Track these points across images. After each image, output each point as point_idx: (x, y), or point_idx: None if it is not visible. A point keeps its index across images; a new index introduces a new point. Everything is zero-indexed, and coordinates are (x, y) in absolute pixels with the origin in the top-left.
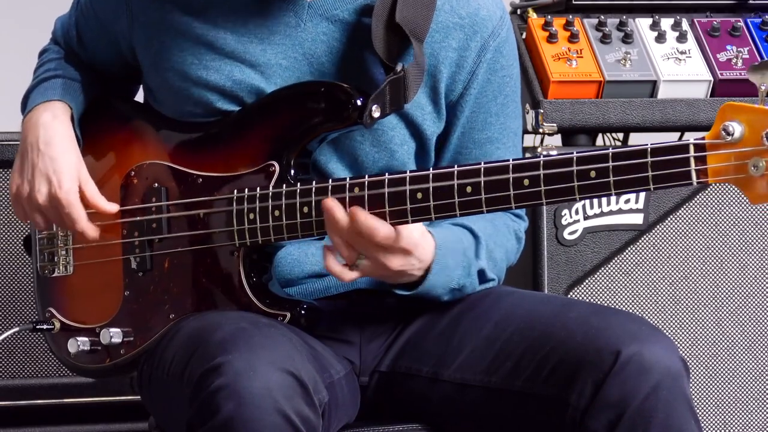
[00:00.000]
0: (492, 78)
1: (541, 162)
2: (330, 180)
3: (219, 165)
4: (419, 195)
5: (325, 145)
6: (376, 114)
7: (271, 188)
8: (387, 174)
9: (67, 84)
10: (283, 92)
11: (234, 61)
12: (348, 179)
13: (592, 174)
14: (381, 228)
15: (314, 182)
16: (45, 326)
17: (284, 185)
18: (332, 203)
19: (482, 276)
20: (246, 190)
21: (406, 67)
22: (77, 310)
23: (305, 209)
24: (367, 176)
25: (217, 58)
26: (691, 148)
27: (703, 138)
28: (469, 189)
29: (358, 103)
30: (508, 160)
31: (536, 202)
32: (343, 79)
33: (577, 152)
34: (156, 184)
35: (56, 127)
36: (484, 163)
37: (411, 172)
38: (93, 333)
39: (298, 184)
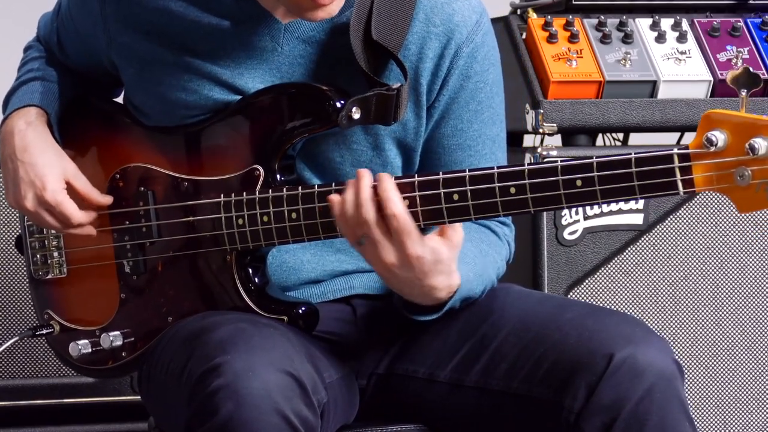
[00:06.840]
0: (465, 84)
1: (526, 171)
2: (315, 186)
3: (203, 169)
4: (406, 202)
5: (307, 163)
6: (356, 116)
7: (257, 193)
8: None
9: (46, 87)
10: (262, 95)
11: (211, 83)
12: (333, 185)
13: (578, 183)
14: (400, 204)
15: (300, 188)
16: (45, 330)
17: (270, 189)
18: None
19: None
20: (233, 194)
21: (402, 86)
22: (75, 312)
23: (293, 215)
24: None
25: (194, 79)
26: (675, 158)
27: (686, 147)
28: (456, 197)
29: (338, 105)
30: (493, 168)
31: (524, 210)
32: None
33: (561, 161)
34: (142, 188)
35: (31, 133)
36: (469, 171)
37: (397, 178)
38: (93, 335)
39: (285, 189)
